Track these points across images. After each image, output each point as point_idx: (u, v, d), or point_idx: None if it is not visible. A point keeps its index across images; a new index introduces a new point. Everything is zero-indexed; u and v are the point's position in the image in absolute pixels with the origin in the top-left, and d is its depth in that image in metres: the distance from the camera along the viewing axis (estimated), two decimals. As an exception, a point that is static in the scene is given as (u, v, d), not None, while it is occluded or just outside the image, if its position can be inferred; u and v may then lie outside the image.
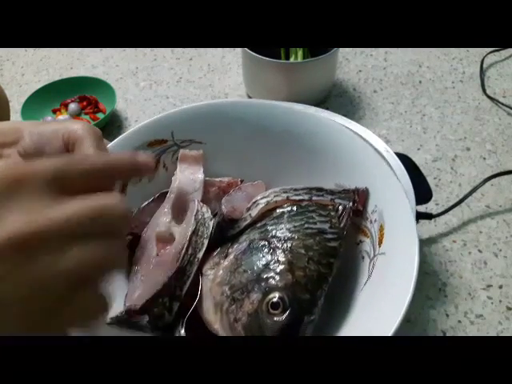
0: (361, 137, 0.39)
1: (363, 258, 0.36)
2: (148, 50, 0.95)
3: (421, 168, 0.56)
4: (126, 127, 0.79)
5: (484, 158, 0.73)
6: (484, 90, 0.86)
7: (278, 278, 0.31)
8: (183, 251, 0.34)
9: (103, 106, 0.81)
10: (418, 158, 0.71)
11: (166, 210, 0.38)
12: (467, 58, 0.94)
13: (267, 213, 0.37)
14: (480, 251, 0.60)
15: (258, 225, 0.37)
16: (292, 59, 0.80)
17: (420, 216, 0.58)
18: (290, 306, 0.30)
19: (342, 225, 0.36)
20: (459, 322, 0.53)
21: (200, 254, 0.34)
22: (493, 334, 0.52)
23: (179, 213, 0.37)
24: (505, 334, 0.52)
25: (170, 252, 0.35)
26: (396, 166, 0.53)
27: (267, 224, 0.36)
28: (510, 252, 0.60)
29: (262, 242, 0.34)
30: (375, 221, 0.36)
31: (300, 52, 0.79)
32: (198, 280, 0.34)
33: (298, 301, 0.31)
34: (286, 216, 0.36)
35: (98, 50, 0.96)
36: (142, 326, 0.33)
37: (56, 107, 0.81)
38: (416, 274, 0.31)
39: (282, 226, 0.35)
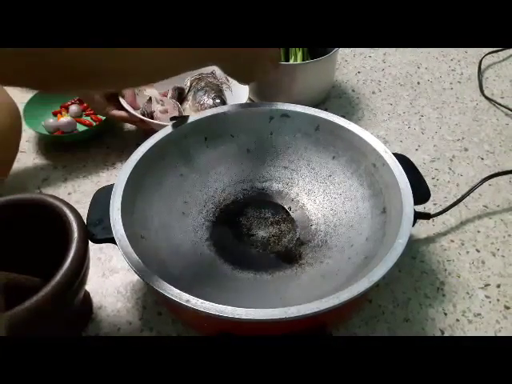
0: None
1: None
2: (148, 51, 0.96)
3: (419, 168, 0.56)
4: (128, 127, 0.80)
5: (482, 159, 0.74)
6: (482, 91, 0.86)
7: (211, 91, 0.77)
8: None
9: (104, 107, 0.81)
10: (416, 159, 0.72)
11: None
12: (465, 60, 0.95)
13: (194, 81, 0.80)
14: (478, 250, 0.61)
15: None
16: (292, 60, 0.80)
17: (418, 216, 0.58)
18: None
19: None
20: (457, 320, 0.54)
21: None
22: (491, 332, 0.53)
23: None
24: (503, 332, 0.52)
25: None
26: (394, 166, 0.53)
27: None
28: (507, 251, 0.60)
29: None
30: None
31: (299, 53, 0.80)
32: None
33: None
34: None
35: (98, 51, 0.96)
36: None
37: (57, 109, 0.81)
38: None
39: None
